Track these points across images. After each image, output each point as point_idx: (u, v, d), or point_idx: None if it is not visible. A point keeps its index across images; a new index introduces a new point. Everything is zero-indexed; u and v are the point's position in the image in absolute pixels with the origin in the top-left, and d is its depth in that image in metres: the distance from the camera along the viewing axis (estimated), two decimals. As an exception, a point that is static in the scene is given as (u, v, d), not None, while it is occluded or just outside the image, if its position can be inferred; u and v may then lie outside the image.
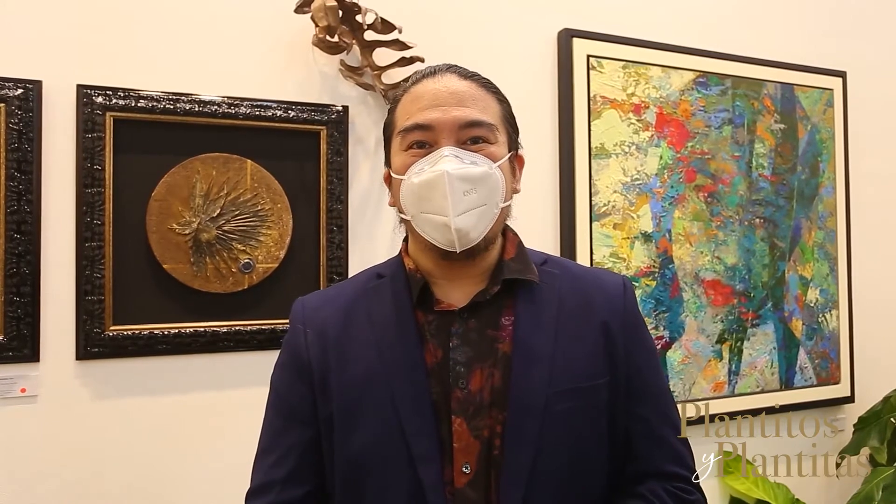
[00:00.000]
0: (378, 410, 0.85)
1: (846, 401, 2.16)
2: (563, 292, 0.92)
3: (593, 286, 0.95)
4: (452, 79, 0.89)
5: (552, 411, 0.84)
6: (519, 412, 0.84)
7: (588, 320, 0.91)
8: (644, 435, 0.92)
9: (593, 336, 0.90)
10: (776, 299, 2.05)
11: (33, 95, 1.35)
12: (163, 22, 1.47)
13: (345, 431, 0.87)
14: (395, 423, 0.84)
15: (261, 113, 1.50)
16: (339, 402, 0.87)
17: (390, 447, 0.84)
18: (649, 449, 0.91)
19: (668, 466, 0.91)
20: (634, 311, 0.96)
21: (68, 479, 1.38)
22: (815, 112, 2.14)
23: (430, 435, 0.83)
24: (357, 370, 0.88)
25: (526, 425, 0.84)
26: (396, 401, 0.84)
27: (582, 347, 0.89)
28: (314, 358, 0.90)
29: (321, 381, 0.89)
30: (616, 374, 0.90)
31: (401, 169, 0.88)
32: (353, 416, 0.86)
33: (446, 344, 0.87)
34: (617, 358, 0.90)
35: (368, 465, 0.85)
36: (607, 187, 1.82)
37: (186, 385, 1.46)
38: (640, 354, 0.94)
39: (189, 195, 1.45)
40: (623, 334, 0.92)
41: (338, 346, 0.90)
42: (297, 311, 0.96)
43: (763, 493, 1.90)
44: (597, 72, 1.81)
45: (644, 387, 0.93)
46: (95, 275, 1.38)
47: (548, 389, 0.85)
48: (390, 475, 0.84)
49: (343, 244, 1.57)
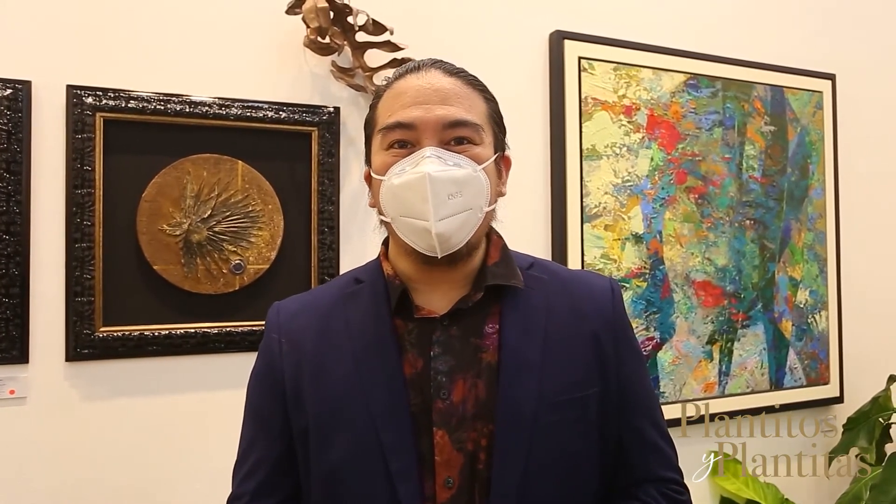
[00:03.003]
0: (354, 424, 0.82)
1: (835, 401, 2.17)
2: (550, 298, 0.89)
3: (581, 291, 0.92)
4: (437, 75, 0.84)
5: (542, 424, 0.81)
6: (507, 425, 0.80)
7: (577, 328, 0.88)
8: (637, 443, 0.90)
9: (583, 344, 0.87)
10: (766, 300, 2.07)
11: (23, 96, 1.34)
12: (153, 22, 1.46)
13: (321, 445, 0.84)
14: (372, 438, 0.80)
15: (252, 114, 1.50)
16: (314, 416, 0.84)
17: (367, 462, 0.80)
18: (642, 456, 0.90)
19: (660, 471, 0.91)
20: (623, 316, 0.93)
21: (58, 482, 1.37)
22: (804, 114, 2.15)
23: (409, 449, 0.80)
24: (333, 382, 0.84)
25: (514, 439, 0.80)
26: (373, 414, 0.81)
27: (572, 357, 0.86)
28: (287, 369, 0.87)
29: (294, 393, 0.86)
30: (607, 384, 0.87)
31: (381, 169, 0.83)
32: (329, 430, 0.83)
33: (427, 353, 0.83)
34: (608, 367, 0.88)
35: (346, 480, 0.82)
36: (598, 189, 1.82)
37: (177, 386, 1.46)
38: (630, 362, 0.92)
39: (180, 196, 1.45)
40: (613, 341, 0.89)
41: (314, 357, 0.87)
42: (272, 319, 0.92)
43: (753, 493, 1.91)
44: (588, 73, 1.82)
45: (635, 395, 0.91)
46: (85, 276, 1.37)
47: (538, 401, 0.82)
48: (368, 491, 0.81)
49: (334, 245, 1.57)
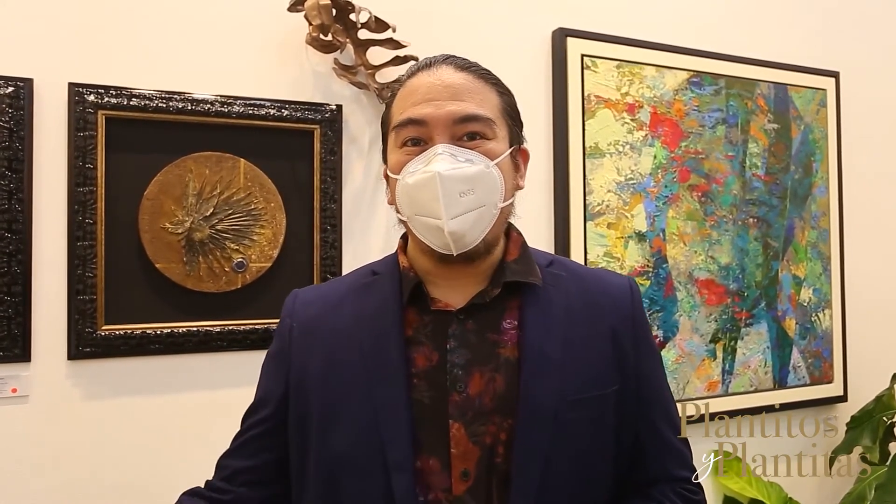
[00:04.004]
0: (357, 416, 0.82)
1: (839, 400, 2.17)
2: (570, 296, 0.89)
3: (600, 289, 0.92)
4: (448, 71, 0.84)
5: (562, 421, 0.81)
6: (528, 421, 0.80)
7: (596, 326, 0.88)
8: (654, 442, 0.90)
9: (602, 342, 0.87)
10: (769, 299, 2.06)
11: (24, 93, 1.34)
12: (155, 20, 1.46)
13: (323, 434, 0.84)
14: (373, 430, 0.81)
15: (254, 112, 1.49)
16: (318, 404, 0.85)
17: (367, 454, 0.81)
18: (659, 455, 0.90)
19: (676, 470, 0.91)
20: (642, 315, 0.93)
21: (60, 480, 1.37)
22: (808, 112, 2.15)
23: (406, 443, 0.80)
24: (339, 373, 0.85)
25: (535, 435, 0.80)
26: (375, 405, 0.81)
27: (591, 354, 0.86)
28: (295, 354, 0.89)
29: (298, 379, 0.88)
30: (626, 382, 0.87)
31: (396, 167, 0.84)
32: (332, 420, 0.84)
33: (443, 346, 0.83)
34: (626, 365, 0.88)
35: (346, 471, 0.83)
36: (601, 187, 1.82)
37: (179, 385, 1.46)
38: (649, 360, 0.92)
39: (182, 194, 1.45)
40: (631, 340, 0.89)
41: (323, 346, 0.88)
42: (288, 305, 0.94)
43: (757, 493, 1.90)
44: (591, 71, 1.82)
45: (652, 393, 0.91)
46: (87, 274, 1.37)
47: (558, 398, 0.82)
48: (367, 483, 0.81)
49: (337, 243, 1.56)
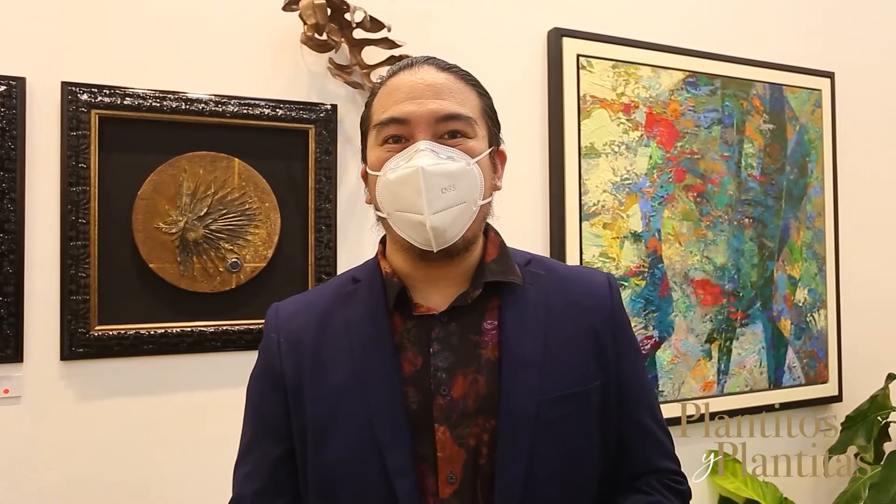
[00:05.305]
0: (352, 423, 0.82)
1: (834, 400, 2.17)
2: (549, 294, 0.89)
3: (579, 286, 0.92)
4: (430, 71, 0.85)
5: (544, 419, 0.82)
6: (510, 421, 0.81)
7: (576, 323, 0.89)
8: (637, 436, 0.91)
9: (582, 339, 0.88)
10: (765, 299, 2.06)
11: (17, 92, 1.33)
12: (149, 19, 1.45)
13: (319, 444, 0.84)
14: (369, 436, 0.81)
15: (248, 111, 1.49)
16: (313, 415, 0.85)
17: (364, 460, 0.81)
18: (643, 448, 0.91)
19: (661, 462, 0.92)
20: (621, 311, 0.94)
21: (53, 481, 1.36)
22: (803, 112, 2.15)
23: (405, 447, 0.80)
24: (332, 381, 0.85)
25: (518, 434, 0.81)
26: (371, 412, 0.82)
27: (572, 352, 0.87)
28: (287, 368, 0.88)
29: (294, 392, 0.87)
30: (607, 378, 0.88)
31: (376, 165, 0.84)
32: (327, 429, 0.84)
33: (426, 350, 0.84)
34: (607, 361, 0.89)
35: (343, 478, 0.82)
36: (597, 187, 1.82)
37: (173, 385, 1.45)
38: (629, 355, 0.93)
39: (176, 194, 1.44)
40: (612, 336, 0.90)
41: (313, 356, 0.87)
42: (270, 319, 0.93)
43: (752, 492, 1.90)
44: (586, 71, 1.81)
45: (634, 388, 0.92)
46: (80, 274, 1.36)
47: (539, 396, 0.82)
48: (365, 489, 0.81)
49: (331, 243, 1.56)
